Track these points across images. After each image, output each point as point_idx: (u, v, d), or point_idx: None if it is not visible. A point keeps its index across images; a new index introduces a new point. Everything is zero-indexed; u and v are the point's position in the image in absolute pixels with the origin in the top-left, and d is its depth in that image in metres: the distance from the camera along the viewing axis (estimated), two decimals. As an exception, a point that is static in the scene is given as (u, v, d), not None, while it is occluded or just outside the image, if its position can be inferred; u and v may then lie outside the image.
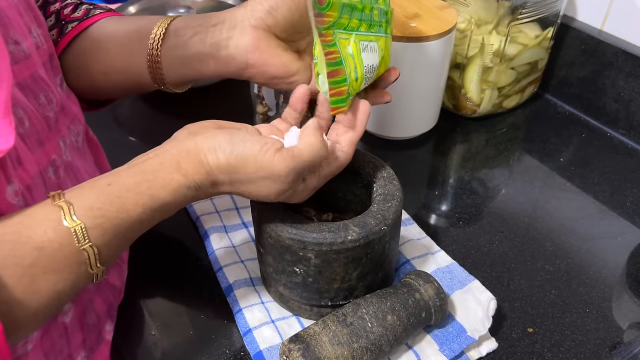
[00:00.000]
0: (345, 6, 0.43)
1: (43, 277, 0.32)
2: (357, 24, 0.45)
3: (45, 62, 0.43)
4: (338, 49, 0.44)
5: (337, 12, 0.43)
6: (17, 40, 0.38)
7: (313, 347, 0.42)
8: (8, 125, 0.32)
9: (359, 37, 0.45)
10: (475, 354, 0.48)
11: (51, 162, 0.41)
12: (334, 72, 0.43)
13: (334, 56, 0.43)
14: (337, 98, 0.44)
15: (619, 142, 0.75)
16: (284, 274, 0.47)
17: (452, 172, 0.72)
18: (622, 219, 0.63)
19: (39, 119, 0.40)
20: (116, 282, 0.51)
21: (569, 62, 0.80)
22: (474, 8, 0.71)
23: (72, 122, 0.46)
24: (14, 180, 0.36)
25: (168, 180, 0.38)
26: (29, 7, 0.42)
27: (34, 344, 0.38)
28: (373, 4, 0.46)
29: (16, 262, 0.31)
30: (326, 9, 0.42)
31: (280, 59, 0.46)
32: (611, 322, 0.52)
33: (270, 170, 0.39)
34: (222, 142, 0.39)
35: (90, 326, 0.45)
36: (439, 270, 0.54)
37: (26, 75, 0.39)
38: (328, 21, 0.43)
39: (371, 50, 0.46)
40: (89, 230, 0.34)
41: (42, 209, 0.34)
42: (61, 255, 0.33)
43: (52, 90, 0.42)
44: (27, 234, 0.32)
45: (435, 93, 0.72)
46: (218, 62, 0.48)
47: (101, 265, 0.36)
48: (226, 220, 0.61)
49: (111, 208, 0.35)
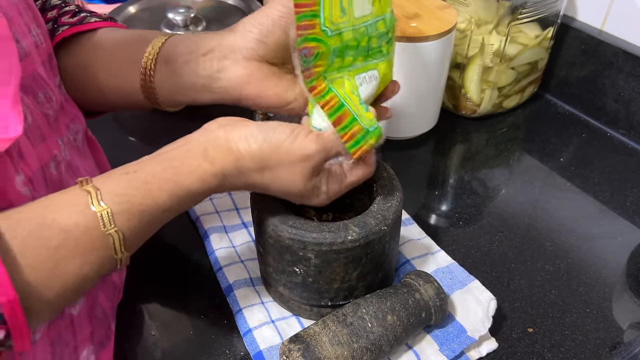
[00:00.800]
0: (336, 50, 0.41)
1: (70, 260, 0.33)
2: (352, 61, 0.42)
3: (45, 61, 0.43)
4: (335, 93, 0.41)
5: (326, 59, 0.41)
6: (18, 38, 0.39)
7: (313, 347, 0.42)
8: (17, 115, 0.33)
9: (353, 72, 0.43)
10: (476, 354, 0.48)
11: (53, 157, 0.41)
12: (339, 119, 0.41)
13: (333, 103, 0.41)
14: (354, 140, 0.42)
15: (619, 142, 0.75)
16: (284, 274, 0.47)
17: (452, 172, 0.72)
18: (622, 219, 0.63)
19: (40, 115, 0.40)
20: (116, 280, 0.51)
21: (569, 62, 0.80)
22: (474, 8, 0.71)
23: (71, 122, 0.46)
24: (20, 172, 0.36)
25: (194, 167, 0.38)
26: (28, 7, 0.42)
27: (41, 334, 0.38)
28: (371, 34, 0.43)
29: (42, 243, 0.32)
30: (315, 61, 0.40)
31: (274, 91, 0.45)
32: (611, 322, 0.52)
33: (302, 150, 0.40)
34: (254, 130, 0.40)
35: (98, 320, 0.46)
36: (439, 270, 0.54)
37: (26, 73, 0.39)
38: (317, 72, 0.41)
39: (370, 79, 0.44)
40: (115, 216, 0.34)
41: (68, 194, 0.35)
42: (87, 239, 0.34)
43: (51, 89, 0.42)
44: (52, 217, 0.33)
45: (435, 93, 0.72)
46: (213, 94, 0.47)
47: (126, 251, 0.36)
48: (226, 220, 0.61)
49: (137, 194, 0.36)
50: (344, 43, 0.41)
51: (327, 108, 0.41)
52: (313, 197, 0.43)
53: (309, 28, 0.39)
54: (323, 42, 0.40)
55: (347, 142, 0.42)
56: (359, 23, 0.41)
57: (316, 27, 0.39)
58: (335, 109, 0.41)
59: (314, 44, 0.40)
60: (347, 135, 0.42)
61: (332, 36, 0.40)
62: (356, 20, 0.41)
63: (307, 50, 0.40)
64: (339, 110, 0.41)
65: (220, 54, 0.45)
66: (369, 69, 0.44)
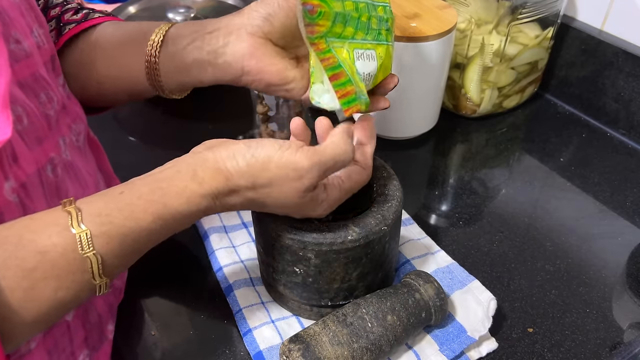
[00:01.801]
0: (339, 15, 0.42)
1: (44, 282, 0.32)
2: (352, 32, 0.44)
3: (47, 62, 0.43)
4: (334, 54, 0.43)
5: (329, 21, 0.42)
6: (19, 39, 0.38)
7: (313, 347, 0.42)
8: (6, 119, 0.32)
9: (353, 45, 0.44)
10: (476, 354, 0.48)
11: (49, 160, 0.40)
12: (336, 75, 0.42)
13: (332, 61, 0.42)
14: (347, 98, 0.43)
15: (619, 142, 0.75)
16: (284, 274, 0.47)
17: (452, 172, 0.72)
18: (622, 219, 0.63)
19: (39, 117, 0.40)
20: (117, 282, 0.51)
21: (569, 62, 0.80)
22: (474, 8, 0.71)
23: (73, 122, 0.46)
24: (10, 177, 0.36)
25: (182, 188, 0.37)
26: (30, 8, 0.42)
27: (37, 342, 0.38)
28: (371, 12, 0.45)
29: (17, 264, 0.31)
30: (318, 19, 0.41)
31: (276, 67, 0.46)
32: (611, 322, 0.52)
33: (294, 164, 0.38)
34: (241, 148, 0.39)
35: (92, 324, 0.45)
36: (439, 270, 0.54)
37: (27, 74, 0.39)
38: (320, 30, 0.42)
39: (368, 59, 0.45)
40: (94, 238, 0.33)
41: (51, 214, 0.34)
42: (64, 261, 0.33)
43: (53, 90, 0.42)
44: (31, 237, 0.32)
45: (435, 93, 0.72)
46: (215, 69, 0.47)
47: (105, 277, 0.35)
48: (226, 220, 0.61)
49: (119, 215, 0.35)
50: (346, 11, 0.43)
51: (326, 64, 0.42)
52: (312, 209, 0.42)
53: None
54: (326, 3, 0.41)
55: (341, 99, 0.43)
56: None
57: None
58: (333, 67, 0.42)
59: (317, 2, 0.41)
60: (342, 92, 0.43)
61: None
62: None
63: (311, 7, 0.40)
64: (337, 68, 0.42)
65: (226, 30, 0.46)
66: (368, 47, 0.45)
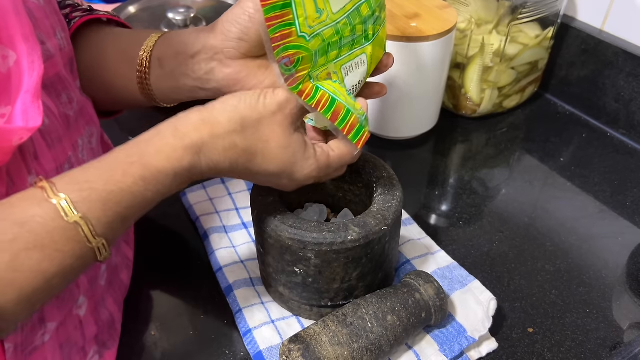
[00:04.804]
0: (319, 51, 0.39)
1: (25, 253, 0.31)
2: (336, 54, 0.41)
3: (67, 64, 0.44)
4: (324, 90, 0.40)
5: (309, 62, 0.39)
6: (43, 40, 0.39)
7: (313, 347, 0.42)
8: (37, 109, 0.34)
9: (339, 64, 0.41)
10: (476, 354, 0.48)
11: (67, 159, 0.41)
12: (335, 114, 0.40)
13: (324, 100, 0.39)
14: (354, 131, 0.41)
15: (619, 142, 0.75)
16: (284, 274, 0.47)
17: (452, 172, 0.72)
18: (622, 219, 0.63)
19: (59, 117, 0.40)
20: (124, 278, 0.52)
21: (569, 62, 0.80)
22: (474, 8, 0.71)
23: (87, 124, 0.46)
24: (32, 172, 0.36)
25: (161, 146, 0.37)
26: (54, 11, 0.43)
27: (50, 335, 0.38)
28: (353, 22, 0.40)
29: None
30: (296, 67, 0.38)
31: (263, 83, 0.45)
32: (611, 322, 0.52)
33: (276, 99, 0.39)
34: (227, 98, 0.40)
35: (104, 322, 0.46)
36: (439, 270, 0.54)
37: (50, 74, 0.40)
38: (301, 76, 0.39)
39: (357, 66, 0.43)
40: (75, 204, 0.33)
41: (25, 193, 0.33)
42: (44, 231, 0.32)
43: (73, 90, 0.43)
44: (9, 211, 0.32)
45: (435, 93, 0.72)
46: (208, 92, 0.47)
47: (99, 237, 0.34)
48: (226, 220, 0.61)
49: (99, 180, 0.34)
50: (326, 42, 0.39)
51: (320, 107, 0.39)
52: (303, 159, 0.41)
53: (285, 38, 0.36)
54: (303, 48, 0.38)
55: (349, 134, 0.41)
56: (339, 17, 0.39)
57: (292, 35, 0.37)
58: (329, 106, 0.40)
59: (293, 51, 0.37)
60: (347, 127, 0.40)
61: (312, 39, 0.38)
62: (335, 16, 0.39)
63: (287, 59, 0.37)
64: (333, 105, 0.40)
65: (206, 56, 0.45)
66: (356, 55, 0.42)
